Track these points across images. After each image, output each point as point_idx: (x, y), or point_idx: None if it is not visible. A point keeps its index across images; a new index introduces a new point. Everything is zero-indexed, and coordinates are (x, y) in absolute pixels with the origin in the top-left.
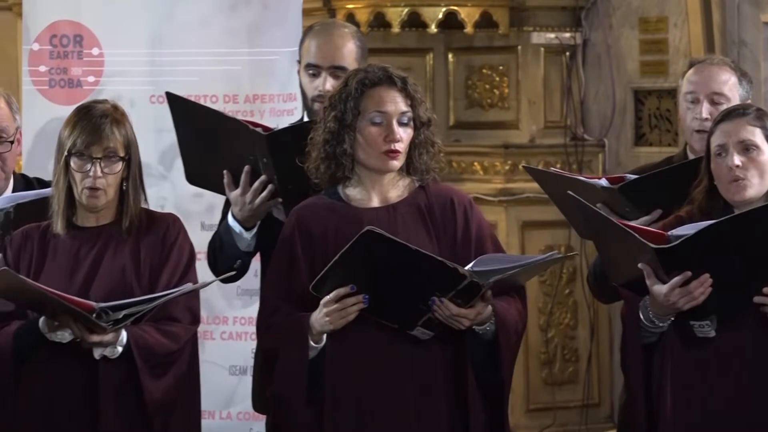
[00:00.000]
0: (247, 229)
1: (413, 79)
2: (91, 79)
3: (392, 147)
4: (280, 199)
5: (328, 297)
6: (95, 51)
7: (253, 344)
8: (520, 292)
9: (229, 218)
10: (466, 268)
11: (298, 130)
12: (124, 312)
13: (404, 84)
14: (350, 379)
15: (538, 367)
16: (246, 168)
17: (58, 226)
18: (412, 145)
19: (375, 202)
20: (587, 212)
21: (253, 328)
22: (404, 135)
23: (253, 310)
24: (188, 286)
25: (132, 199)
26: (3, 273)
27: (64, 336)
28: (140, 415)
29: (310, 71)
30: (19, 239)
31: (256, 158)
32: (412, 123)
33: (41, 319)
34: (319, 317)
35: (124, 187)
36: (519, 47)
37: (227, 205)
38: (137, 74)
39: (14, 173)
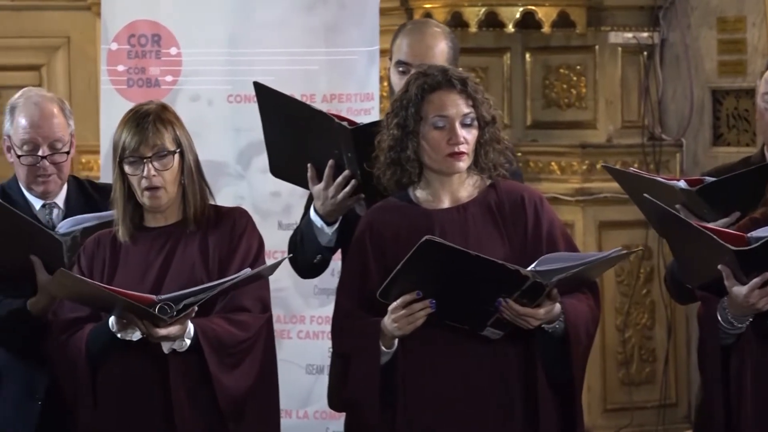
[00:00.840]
0: (329, 224)
1: (474, 79)
2: (168, 78)
3: (456, 149)
4: (363, 195)
5: (395, 303)
6: (173, 50)
7: (330, 343)
8: (592, 289)
9: (311, 212)
10: (529, 268)
11: (380, 124)
12: (184, 302)
13: (464, 85)
14: (423, 382)
15: (615, 367)
16: (330, 162)
17: (121, 233)
18: (478, 144)
19: (445, 203)
20: (664, 214)
21: (329, 327)
22: (468, 136)
23: (330, 309)
24: (247, 272)
25: (192, 194)
26: (60, 273)
27: (135, 334)
28: (216, 409)
29: (400, 68)
30: (91, 246)
31: (341, 152)
32: (476, 123)
33: (111, 319)
34: (387, 323)
35: (183, 183)
36: (596, 47)
37: (311, 199)
38: (215, 74)
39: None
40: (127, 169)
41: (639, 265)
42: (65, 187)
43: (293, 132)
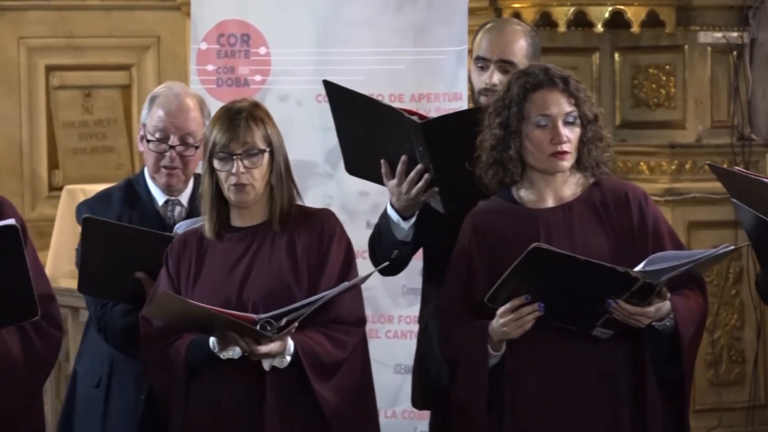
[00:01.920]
0: (405, 218)
1: (576, 77)
2: (258, 78)
3: (559, 149)
4: (437, 189)
5: (503, 308)
6: (262, 50)
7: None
8: (700, 285)
9: (388, 207)
10: (637, 268)
11: (454, 118)
12: (285, 319)
13: (566, 84)
14: (530, 383)
15: (704, 368)
16: (403, 158)
17: (208, 229)
18: (581, 142)
19: (549, 202)
20: (754, 219)
21: (418, 327)
22: (571, 135)
23: (419, 308)
24: (344, 285)
25: (279, 194)
26: (163, 296)
27: (235, 352)
28: (309, 425)
29: (479, 64)
30: (177, 245)
31: (413, 147)
32: (578, 121)
33: (211, 339)
34: (496, 327)
35: (271, 183)
36: (686, 47)
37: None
38: (304, 73)
39: (194, 174)
40: (216, 164)
41: (728, 265)
42: (190, 185)
43: (365, 129)
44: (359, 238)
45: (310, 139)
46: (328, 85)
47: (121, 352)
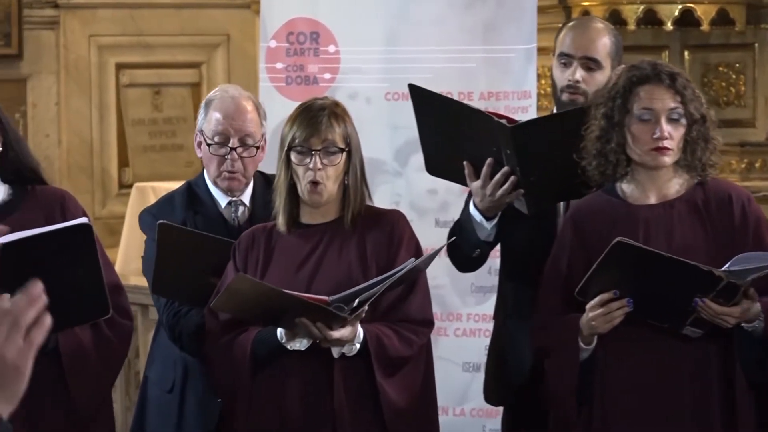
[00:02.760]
0: (488, 219)
1: (686, 75)
2: (327, 76)
3: (660, 144)
4: (522, 191)
5: (592, 302)
6: (331, 48)
7: (487, 341)
8: None
9: (471, 207)
10: (723, 268)
11: (544, 122)
12: (358, 299)
13: (673, 80)
14: (620, 379)
15: None
16: (489, 160)
17: (281, 222)
18: (685, 141)
19: (652, 199)
20: None
21: (486, 325)
22: (674, 132)
23: (487, 306)
24: (411, 262)
25: (353, 194)
26: (240, 278)
27: (302, 343)
28: (377, 420)
29: (562, 61)
30: (246, 241)
31: (499, 150)
32: (683, 120)
33: (279, 330)
34: (585, 321)
35: (346, 182)
36: (756, 45)
37: (471, 193)
38: (373, 71)
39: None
40: (293, 158)
41: None
42: (251, 184)
43: (449, 131)
44: (428, 235)
45: (379, 137)
46: (412, 88)
47: (195, 357)
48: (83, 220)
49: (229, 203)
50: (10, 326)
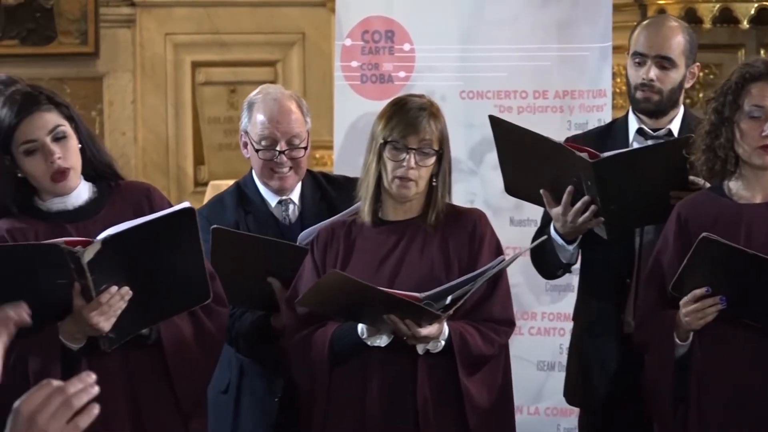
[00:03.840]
0: (569, 242)
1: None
2: (402, 74)
3: (767, 143)
4: (603, 219)
5: (685, 298)
6: (406, 47)
7: (562, 340)
8: None
9: (552, 231)
10: None
11: (625, 157)
12: (451, 297)
13: None
14: (717, 378)
15: None
16: (569, 188)
17: (365, 213)
18: None
19: (758, 198)
20: None
21: (561, 324)
22: None
23: (563, 305)
24: (500, 260)
25: (440, 195)
26: (334, 275)
27: (383, 339)
28: (459, 416)
29: (636, 59)
30: (325, 235)
31: (580, 180)
32: None
33: (360, 326)
34: (680, 316)
35: (433, 183)
36: None
37: (546, 213)
38: (448, 70)
39: None
40: (387, 153)
41: None
42: (300, 182)
43: (529, 158)
44: (502, 234)
45: (453, 136)
46: (493, 120)
47: (251, 358)
48: (186, 204)
49: (279, 202)
50: (60, 405)
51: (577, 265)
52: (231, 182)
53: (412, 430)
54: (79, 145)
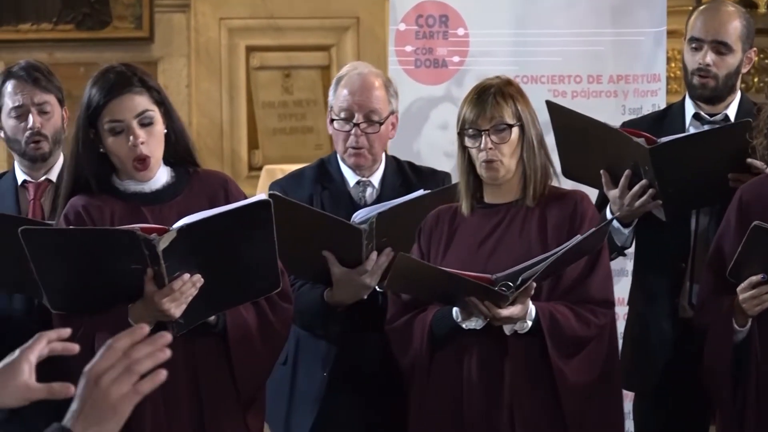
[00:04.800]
0: (625, 225)
1: None
2: (456, 59)
3: None
4: (660, 202)
5: (742, 284)
6: (461, 31)
7: (623, 324)
8: None
9: (608, 213)
10: None
11: (682, 142)
12: (521, 278)
13: None
14: None
15: None
16: (626, 172)
17: (464, 206)
18: None
19: None
20: None
21: (616, 309)
22: None
23: (617, 290)
24: (576, 239)
25: (531, 170)
26: (402, 258)
27: (478, 322)
28: (553, 397)
29: (693, 45)
30: (431, 221)
31: (637, 164)
32: None
33: (454, 309)
34: (737, 302)
35: (523, 159)
36: None
37: (601, 195)
38: (502, 54)
39: (386, 155)
40: (466, 141)
41: None
42: (381, 165)
43: (586, 143)
44: None
45: None
46: (551, 105)
47: (307, 331)
48: (262, 196)
49: (358, 183)
50: (124, 369)
51: (631, 250)
52: (285, 167)
53: (506, 412)
54: (165, 131)
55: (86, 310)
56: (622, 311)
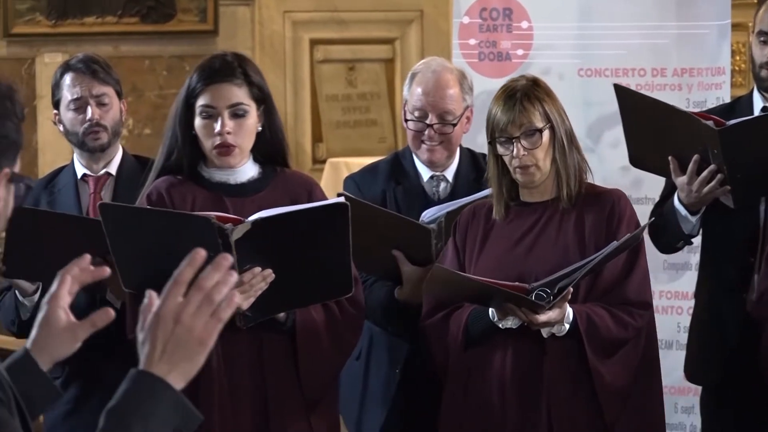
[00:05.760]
0: (693, 213)
1: None
2: (519, 52)
3: None
4: (729, 188)
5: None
6: (524, 24)
7: (680, 318)
8: None
9: (675, 201)
10: None
11: (753, 124)
12: (559, 285)
13: None
14: None
15: None
16: (695, 157)
17: (495, 211)
18: None
19: None
20: None
21: (679, 303)
22: None
23: (680, 284)
24: (613, 245)
25: (564, 169)
26: (437, 270)
27: (514, 322)
28: (592, 398)
29: (762, 38)
30: (466, 216)
31: (706, 148)
32: None
33: (490, 309)
34: None
35: (555, 158)
36: None
37: (668, 186)
38: (565, 47)
39: (461, 148)
40: (498, 149)
41: None
42: (456, 160)
43: (653, 128)
44: None
45: (571, 114)
46: (618, 89)
47: (379, 327)
48: (341, 199)
49: (432, 177)
50: (201, 300)
51: (697, 243)
52: (349, 160)
53: (543, 412)
54: (259, 128)
55: (158, 291)
56: (686, 305)
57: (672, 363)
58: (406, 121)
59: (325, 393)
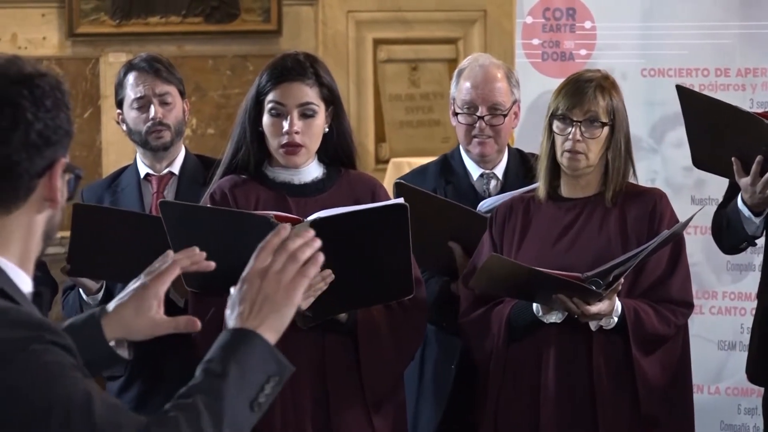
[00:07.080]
0: (756, 214)
1: None
2: (583, 52)
3: None
4: None
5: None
6: (588, 24)
7: (743, 319)
8: None
9: (739, 202)
10: None
11: None
12: (613, 274)
13: None
14: None
15: None
16: (758, 158)
17: (540, 189)
18: None
19: None
20: None
21: (742, 303)
22: None
23: (744, 284)
24: (665, 234)
25: (615, 169)
26: (493, 259)
27: (558, 316)
28: (633, 394)
29: None
30: (503, 211)
31: None
32: None
33: (534, 304)
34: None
35: (608, 157)
36: None
37: (731, 187)
38: (629, 47)
39: (509, 148)
40: (555, 126)
41: None
42: (504, 158)
43: (717, 129)
44: (683, 212)
45: (634, 114)
46: (681, 90)
47: (433, 324)
48: (400, 200)
49: (482, 175)
50: (287, 258)
51: (761, 244)
52: (412, 160)
53: (588, 406)
54: (326, 129)
55: (218, 290)
56: (749, 306)
57: (735, 364)
58: (456, 115)
59: (388, 394)
